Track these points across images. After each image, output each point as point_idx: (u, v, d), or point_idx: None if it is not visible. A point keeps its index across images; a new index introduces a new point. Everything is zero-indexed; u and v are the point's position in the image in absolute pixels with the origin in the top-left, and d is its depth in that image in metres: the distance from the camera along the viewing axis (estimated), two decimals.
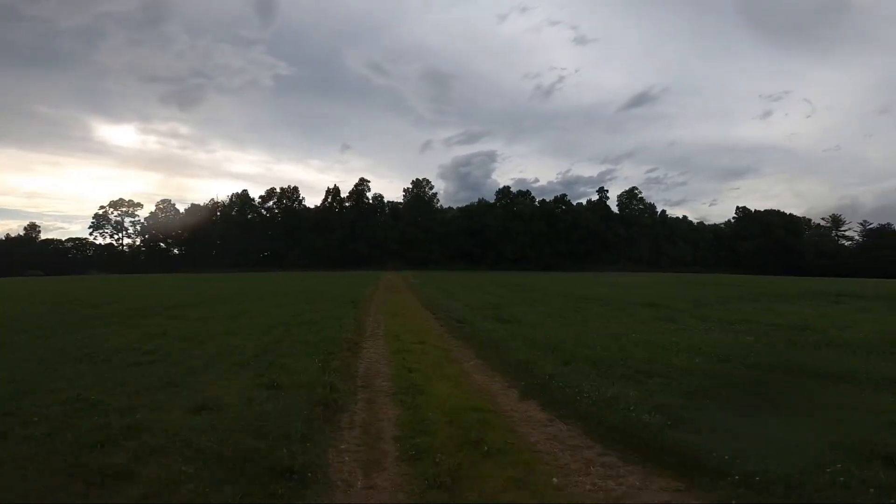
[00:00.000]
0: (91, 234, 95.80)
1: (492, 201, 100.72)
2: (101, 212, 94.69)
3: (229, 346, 8.09)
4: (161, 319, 11.72)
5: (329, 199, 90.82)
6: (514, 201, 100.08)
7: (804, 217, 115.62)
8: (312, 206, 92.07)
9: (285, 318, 12.26)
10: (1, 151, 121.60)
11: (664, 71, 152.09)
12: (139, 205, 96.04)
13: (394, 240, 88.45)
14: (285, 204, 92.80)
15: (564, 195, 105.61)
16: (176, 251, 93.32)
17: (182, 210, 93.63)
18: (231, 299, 18.32)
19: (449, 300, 18.16)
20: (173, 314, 12.86)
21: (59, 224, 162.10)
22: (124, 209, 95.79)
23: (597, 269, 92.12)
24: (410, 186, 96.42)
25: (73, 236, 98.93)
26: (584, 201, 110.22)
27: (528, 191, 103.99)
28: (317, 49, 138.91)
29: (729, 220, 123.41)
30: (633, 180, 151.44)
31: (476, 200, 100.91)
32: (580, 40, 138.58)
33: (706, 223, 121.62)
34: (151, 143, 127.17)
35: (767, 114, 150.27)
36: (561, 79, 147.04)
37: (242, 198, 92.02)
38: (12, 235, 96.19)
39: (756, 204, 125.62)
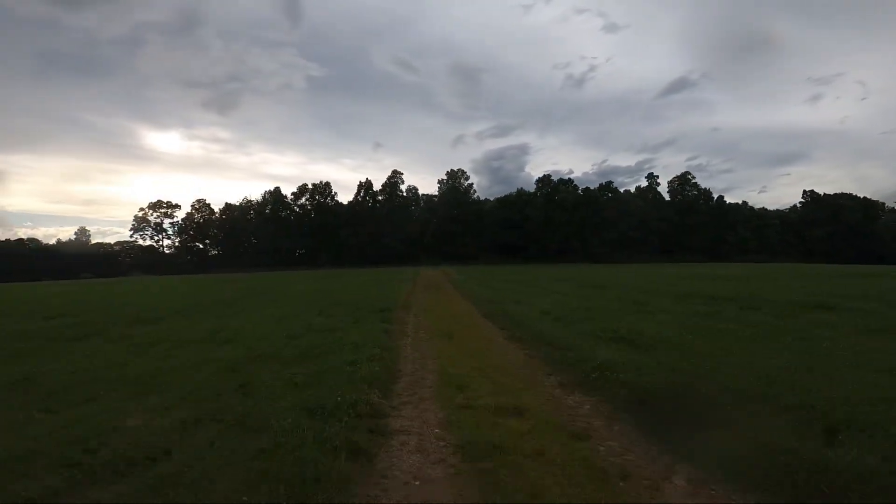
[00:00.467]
0: (131, 236, 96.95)
1: (530, 191, 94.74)
2: (140, 214, 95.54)
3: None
4: (75, 346, 7.43)
5: (361, 194, 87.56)
6: (555, 190, 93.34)
7: (878, 201, 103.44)
8: (346, 203, 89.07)
9: (272, 342, 7.74)
10: (60, 161, 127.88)
11: (702, 56, 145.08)
12: (177, 206, 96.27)
13: (429, 234, 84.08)
14: (317, 200, 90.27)
15: (610, 182, 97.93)
16: (213, 251, 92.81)
17: (217, 210, 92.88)
18: (225, 306, 14.20)
19: (514, 304, 13.22)
20: (111, 335, 8.65)
21: (116, 229, 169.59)
22: (163, 210, 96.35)
23: (651, 260, 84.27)
24: (445, 178, 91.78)
25: (121, 240, 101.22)
26: (631, 189, 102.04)
27: (569, 179, 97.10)
28: (345, 48, 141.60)
29: (794, 206, 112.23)
30: (673, 169, 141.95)
31: (512, 192, 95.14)
32: (609, 28, 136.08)
33: (768, 209, 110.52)
34: (195, 148, 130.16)
35: (816, 97, 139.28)
36: (592, 68, 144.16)
37: (275, 195, 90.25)
38: (63, 240, 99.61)
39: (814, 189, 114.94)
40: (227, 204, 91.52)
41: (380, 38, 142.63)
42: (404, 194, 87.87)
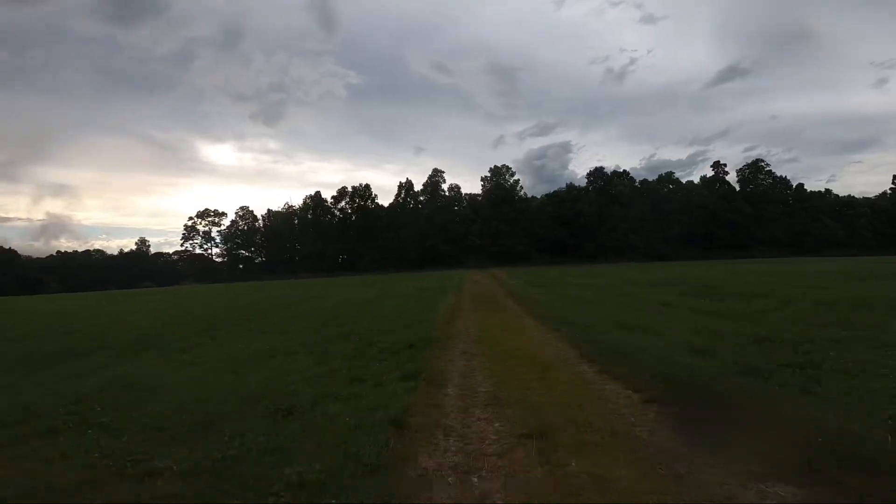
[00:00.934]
0: (182, 244, 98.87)
1: (581, 186, 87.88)
2: (189, 223, 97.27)
3: None
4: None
5: (402, 195, 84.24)
6: (609, 183, 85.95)
7: None
8: (386, 205, 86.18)
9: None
10: (127, 176, 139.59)
11: (753, 42, 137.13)
12: (223, 214, 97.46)
13: (475, 233, 79.42)
14: (357, 203, 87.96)
15: (671, 173, 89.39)
16: (258, 258, 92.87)
17: (259, 217, 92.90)
18: (201, 334, 10.20)
19: (624, 331, 8.36)
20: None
21: (176, 239, 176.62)
22: (210, 219, 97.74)
23: (727, 255, 75.17)
24: (488, 174, 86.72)
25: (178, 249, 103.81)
26: (695, 179, 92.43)
27: (624, 171, 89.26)
28: (380, 55, 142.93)
29: (885, 192, 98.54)
30: (729, 161, 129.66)
31: (560, 188, 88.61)
32: (647, 19, 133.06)
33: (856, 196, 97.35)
34: (247, 159, 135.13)
35: (883, 81, 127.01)
36: (632, 61, 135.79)
37: (315, 200, 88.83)
38: (125, 251, 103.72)
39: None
40: (269, 210, 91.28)
41: (414, 43, 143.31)
42: (446, 193, 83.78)
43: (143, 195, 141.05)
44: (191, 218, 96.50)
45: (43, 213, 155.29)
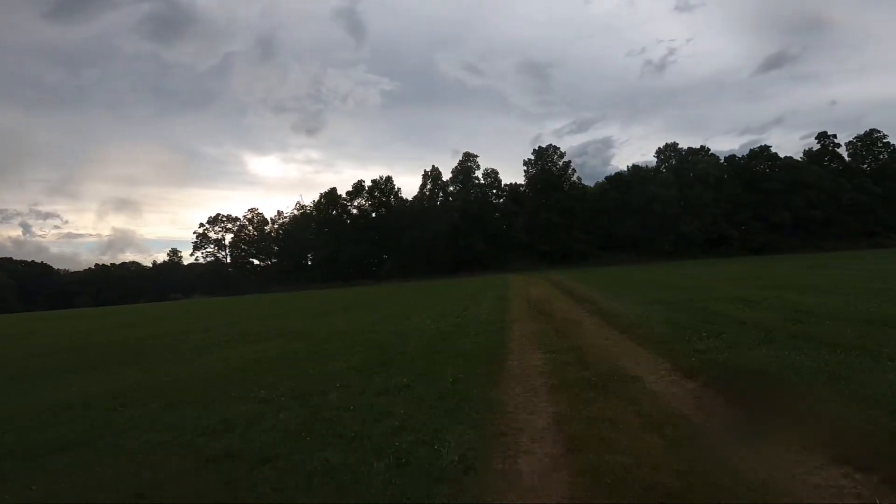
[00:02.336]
0: (192, 254, 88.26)
1: (649, 166, 70.74)
2: (201, 230, 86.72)
3: None
4: None
5: (428, 186, 69.78)
6: (685, 161, 68.39)
7: None
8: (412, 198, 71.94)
9: None
10: (184, 190, 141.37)
11: (799, 25, 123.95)
12: (236, 219, 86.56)
13: (519, 228, 63.98)
14: (377, 197, 74.27)
15: (766, 146, 70.29)
16: (268, 265, 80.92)
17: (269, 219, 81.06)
18: None
19: None
20: None
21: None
22: (223, 224, 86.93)
23: (857, 245, 56.15)
24: (531, 157, 70.99)
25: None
26: (796, 155, 72.92)
27: (703, 146, 71.34)
28: (411, 60, 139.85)
29: None
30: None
31: (621, 170, 71.55)
32: (683, 7, 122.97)
33: None
34: (292, 170, 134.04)
35: None
36: (671, 51, 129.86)
37: (329, 196, 75.82)
38: (159, 262, 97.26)
39: None
40: (278, 211, 79.25)
41: (443, 46, 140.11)
42: (481, 181, 68.54)
43: (199, 208, 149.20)
44: (202, 224, 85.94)
45: (109, 228, 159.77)
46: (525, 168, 71.41)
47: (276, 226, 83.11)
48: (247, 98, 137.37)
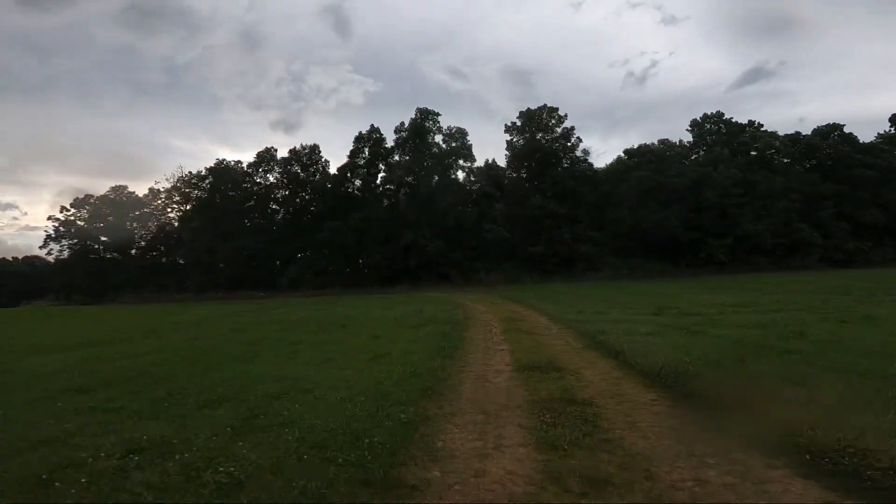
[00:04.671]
0: (45, 246, 60.87)
1: (684, 141, 49.79)
2: (62, 216, 59.64)
3: None
4: None
5: (363, 155, 46.03)
6: (735, 135, 47.81)
7: None
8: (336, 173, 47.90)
9: None
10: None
11: (780, 43, 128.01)
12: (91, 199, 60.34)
13: (497, 219, 41.31)
14: (293, 171, 50.27)
15: (836, 125, 50.45)
16: (124, 258, 55.27)
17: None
18: None
19: None
20: None
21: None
22: (87, 209, 60.51)
23: None
24: (517, 122, 48.63)
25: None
26: (876, 136, 53.22)
27: (751, 120, 51.00)
28: (396, 61, 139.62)
29: None
30: None
31: (649, 142, 50.08)
32: (669, 20, 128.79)
33: None
34: None
35: None
36: (654, 63, 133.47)
37: (218, 171, 51.15)
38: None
39: None
40: (150, 189, 54.13)
41: (429, 49, 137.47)
42: (441, 146, 45.29)
43: None
44: (63, 207, 59.11)
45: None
46: (508, 137, 48.99)
47: (147, 210, 57.91)
48: (224, 93, 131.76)
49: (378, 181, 44.93)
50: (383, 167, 45.08)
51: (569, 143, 47.57)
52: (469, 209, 41.43)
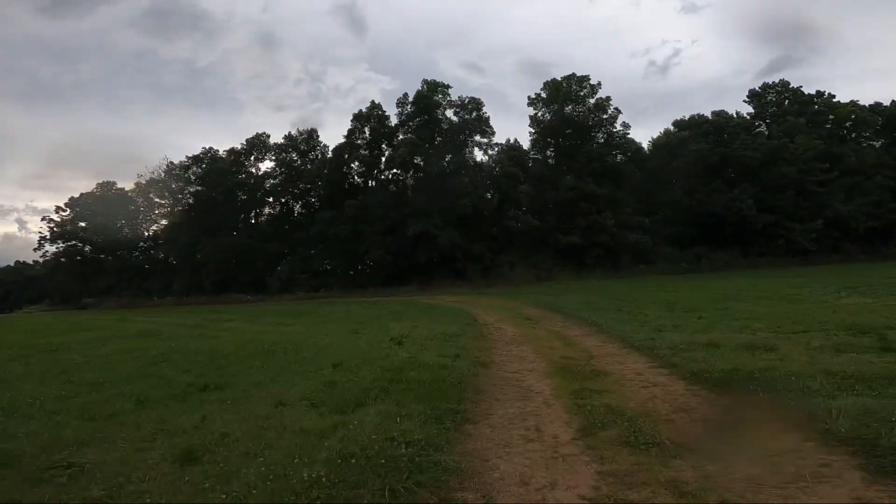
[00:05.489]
0: (39, 248, 56.28)
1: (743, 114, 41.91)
2: (57, 216, 54.86)
3: None
4: None
5: (364, 132, 39.47)
6: (804, 103, 39.70)
7: None
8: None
9: None
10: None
11: (804, 30, 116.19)
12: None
13: (522, 202, 34.08)
14: (289, 159, 44.23)
15: None
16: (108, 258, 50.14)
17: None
18: None
19: None
20: None
21: None
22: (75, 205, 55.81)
23: None
24: (541, 93, 41.45)
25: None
26: None
27: (822, 92, 42.63)
28: (412, 58, 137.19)
29: None
30: None
31: (699, 114, 42.20)
32: (689, 8, 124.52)
33: None
34: None
35: None
36: (676, 52, 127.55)
37: (207, 161, 45.44)
38: None
39: None
40: (139, 176, 48.64)
41: (445, 45, 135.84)
42: (453, 119, 38.30)
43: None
44: (58, 208, 54.33)
45: None
46: (532, 111, 41.83)
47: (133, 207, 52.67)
48: (245, 95, 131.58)
49: (381, 164, 38.26)
50: (387, 148, 38.39)
51: (605, 115, 40.18)
52: (489, 193, 34.44)
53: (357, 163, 39.06)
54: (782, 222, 33.31)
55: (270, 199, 44.63)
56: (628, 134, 39.97)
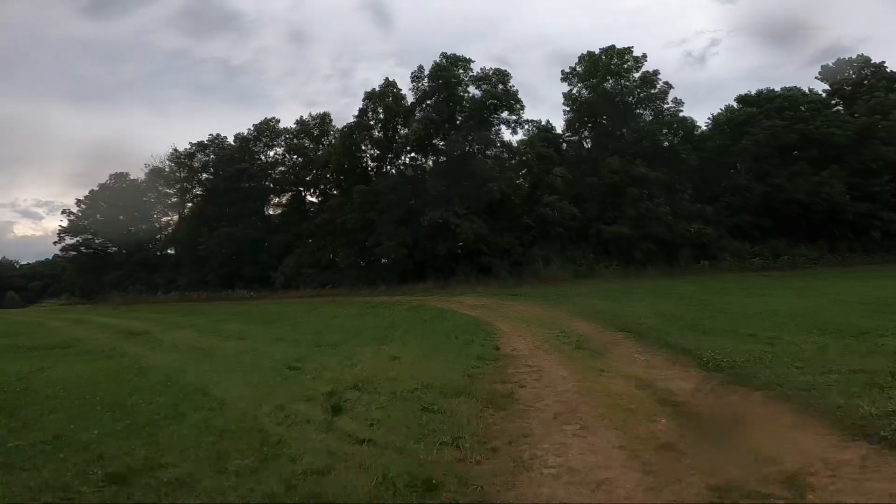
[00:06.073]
0: (60, 240, 54.57)
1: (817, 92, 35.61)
2: (77, 209, 53.13)
3: None
4: None
5: (378, 112, 35.35)
6: (894, 83, 33.22)
7: None
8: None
9: None
10: None
11: (854, 16, 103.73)
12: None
13: (551, 188, 29.14)
14: (300, 145, 40.69)
15: None
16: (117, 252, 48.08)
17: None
18: None
19: None
20: None
21: None
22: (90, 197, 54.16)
23: None
24: (576, 68, 36.18)
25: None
26: None
27: None
28: (439, 52, 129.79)
29: None
30: None
31: (769, 88, 36.10)
32: None
33: None
34: None
35: None
36: (714, 42, 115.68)
37: (212, 148, 42.47)
38: None
39: None
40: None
41: (472, 39, 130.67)
42: (475, 95, 33.56)
43: None
44: (78, 200, 52.48)
45: None
46: (566, 87, 36.73)
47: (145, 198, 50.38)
48: (278, 92, 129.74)
49: (396, 147, 33.99)
50: (402, 129, 34.06)
51: (654, 90, 34.77)
52: (519, 176, 29.65)
53: (369, 145, 34.95)
54: (877, 212, 27.30)
55: (279, 188, 41.21)
56: (681, 112, 34.57)
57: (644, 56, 35.20)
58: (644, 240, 26.54)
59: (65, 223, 50.22)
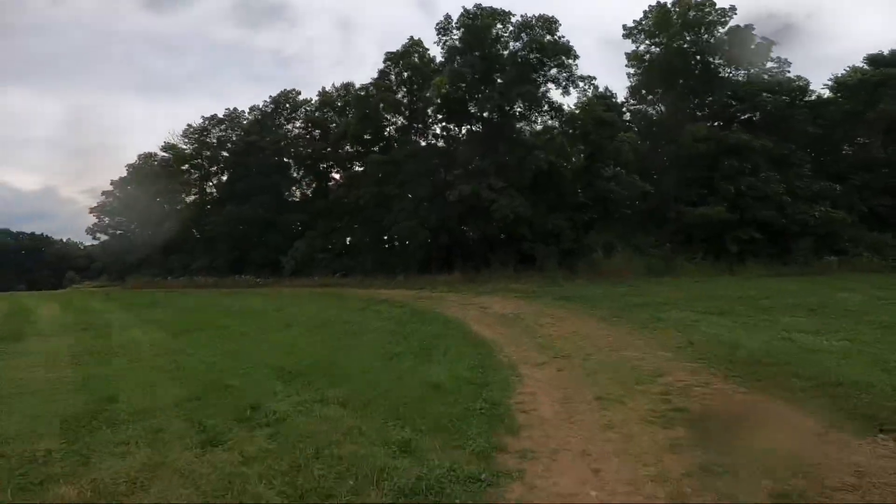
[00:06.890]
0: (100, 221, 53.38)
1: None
2: (104, 197, 52.19)
3: None
4: None
5: (395, 77, 30.07)
6: None
7: None
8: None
9: None
10: None
11: None
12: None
13: (614, 159, 22.86)
14: (323, 118, 36.39)
15: None
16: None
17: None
18: None
19: None
20: None
21: None
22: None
23: None
24: (644, 22, 29.30)
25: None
26: None
27: None
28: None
29: None
30: None
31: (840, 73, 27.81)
32: None
33: None
34: None
35: None
36: (811, 14, 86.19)
37: (227, 123, 39.04)
38: None
39: None
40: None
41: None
42: (521, 53, 27.28)
43: None
44: (104, 193, 51.42)
45: None
46: (631, 45, 30.01)
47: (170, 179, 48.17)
48: (330, 81, 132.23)
49: (420, 114, 28.59)
50: (428, 94, 28.53)
51: (751, 47, 27.41)
52: (573, 144, 23.37)
53: (392, 113, 29.78)
54: None
55: (297, 165, 37.11)
56: (788, 72, 26.93)
57: (733, 8, 27.90)
58: (744, 225, 19.70)
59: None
